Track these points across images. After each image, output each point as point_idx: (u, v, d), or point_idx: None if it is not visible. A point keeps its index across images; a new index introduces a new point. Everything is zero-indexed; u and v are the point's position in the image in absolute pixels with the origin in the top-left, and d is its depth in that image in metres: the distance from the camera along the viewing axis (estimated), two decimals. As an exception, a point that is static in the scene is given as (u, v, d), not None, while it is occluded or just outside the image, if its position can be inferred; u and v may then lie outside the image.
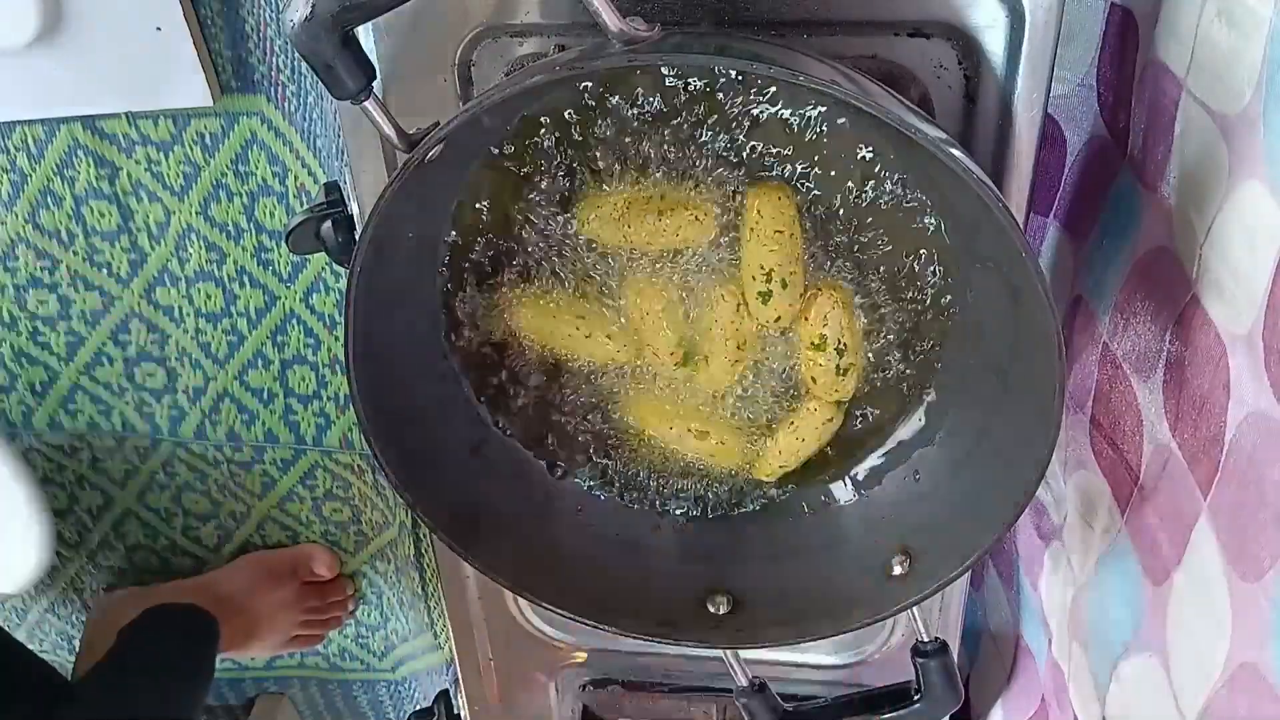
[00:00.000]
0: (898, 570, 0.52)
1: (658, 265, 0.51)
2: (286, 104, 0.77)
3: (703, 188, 0.49)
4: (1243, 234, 0.40)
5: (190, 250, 0.85)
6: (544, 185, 0.50)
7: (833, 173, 0.48)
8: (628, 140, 0.48)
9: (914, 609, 0.52)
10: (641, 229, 0.49)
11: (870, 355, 0.53)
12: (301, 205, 0.82)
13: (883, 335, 0.52)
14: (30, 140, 0.81)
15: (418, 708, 1.00)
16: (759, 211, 0.48)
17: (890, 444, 0.56)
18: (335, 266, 0.84)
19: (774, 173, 0.48)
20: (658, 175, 0.49)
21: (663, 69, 0.46)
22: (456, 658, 0.76)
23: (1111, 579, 0.53)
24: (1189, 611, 0.45)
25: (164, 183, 0.82)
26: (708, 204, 0.49)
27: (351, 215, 0.56)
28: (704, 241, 0.50)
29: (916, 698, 0.57)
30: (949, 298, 0.50)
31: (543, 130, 0.48)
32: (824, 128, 0.47)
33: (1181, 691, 0.46)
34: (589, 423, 0.57)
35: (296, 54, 0.42)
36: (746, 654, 0.57)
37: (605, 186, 0.50)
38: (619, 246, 0.51)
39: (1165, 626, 0.47)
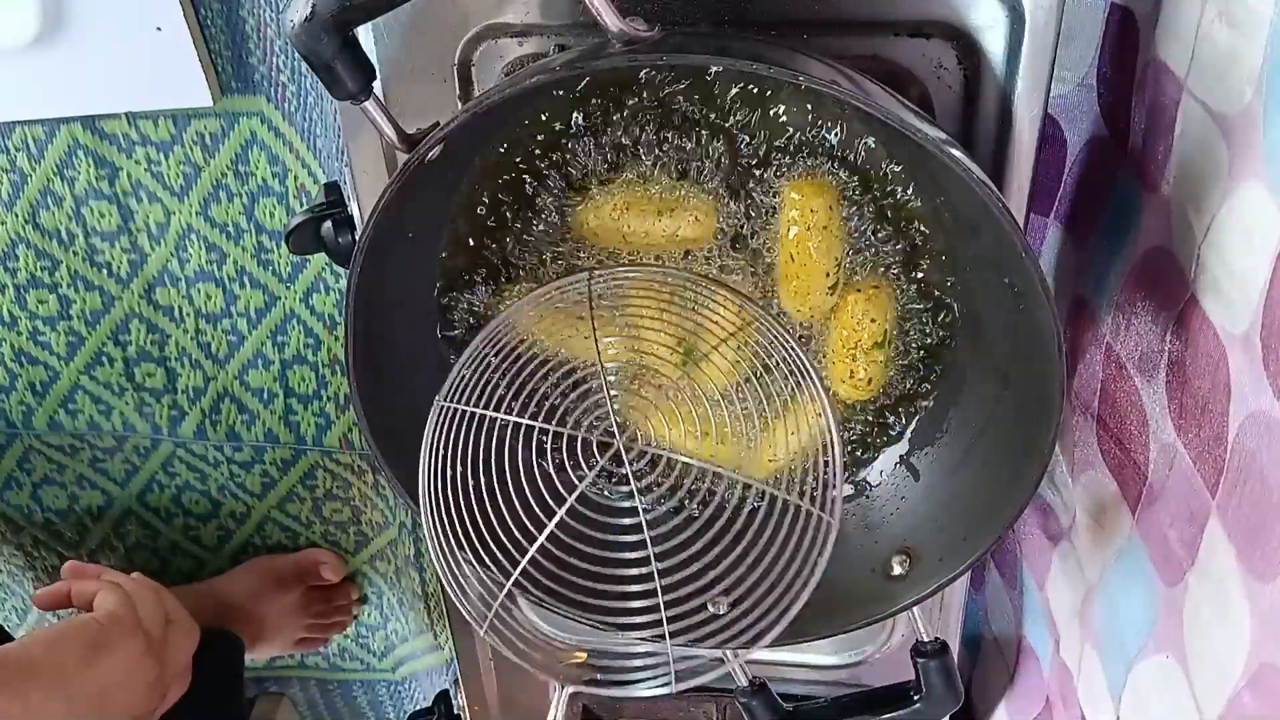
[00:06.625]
0: (898, 570, 0.52)
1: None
2: (286, 104, 0.77)
3: (701, 188, 0.49)
4: (1241, 234, 0.40)
5: (190, 250, 0.85)
6: (543, 186, 0.50)
7: (833, 175, 0.48)
8: (627, 141, 0.48)
9: (914, 609, 0.52)
10: (641, 230, 0.49)
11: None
12: (301, 205, 0.82)
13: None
14: (30, 140, 0.81)
15: (418, 708, 1.00)
16: (811, 209, 0.47)
17: (891, 444, 0.55)
18: (335, 266, 0.84)
19: (781, 175, 0.48)
20: (657, 176, 0.49)
21: (662, 69, 0.46)
22: (456, 658, 0.76)
23: (1124, 580, 0.53)
24: (1205, 612, 0.45)
25: (164, 183, 0.82)
26: (707, 205, 0.49)
27: (351, 215, 0.56)
28: (704, 242, 0.50)
29: (916, 698, 0.57)
30: (949, 298, 0.50)
31: (542, 131, 0.48)
32: (823, 130, 0.47)
33: (1202, 693, 0.45)
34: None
35: (296, 54, 0.42)
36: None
37: (605, 188, 0.49)
38: (619, 248, 0.51)
39: (1182, 628, 0.47)
